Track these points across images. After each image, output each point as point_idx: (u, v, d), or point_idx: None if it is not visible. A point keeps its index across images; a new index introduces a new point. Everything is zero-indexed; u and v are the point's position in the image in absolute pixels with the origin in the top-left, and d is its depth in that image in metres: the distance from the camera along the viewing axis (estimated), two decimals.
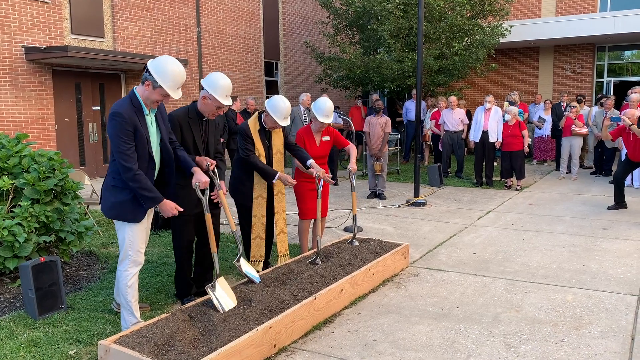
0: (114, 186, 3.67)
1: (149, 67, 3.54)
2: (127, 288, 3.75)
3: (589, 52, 17.34)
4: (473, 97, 18.54)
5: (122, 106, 3.52)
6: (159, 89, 3.54)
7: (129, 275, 3.75)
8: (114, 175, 3.68)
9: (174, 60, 3.59)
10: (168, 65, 3.54)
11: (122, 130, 3.48)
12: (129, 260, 3.74)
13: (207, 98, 4.16)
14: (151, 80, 3.52)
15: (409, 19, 13.47)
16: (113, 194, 3.67)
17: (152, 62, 3.56)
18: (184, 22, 13.78)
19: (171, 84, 3.56)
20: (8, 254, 4.54)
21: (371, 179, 9.44)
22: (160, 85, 3.52)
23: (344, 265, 4.74)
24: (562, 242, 6.37)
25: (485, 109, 10.40)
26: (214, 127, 4.46)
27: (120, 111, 3.48)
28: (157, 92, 3.55)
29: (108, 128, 3.54)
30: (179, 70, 3.58)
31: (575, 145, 11.19)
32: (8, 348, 3.63)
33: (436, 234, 6.88)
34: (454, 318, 4.19)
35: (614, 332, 3.89)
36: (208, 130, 4.39)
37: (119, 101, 3.59)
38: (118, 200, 3.64)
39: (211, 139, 4.41)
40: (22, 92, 10.33)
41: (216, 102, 4.15)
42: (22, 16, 10.27)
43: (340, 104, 18.04)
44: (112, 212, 3.69)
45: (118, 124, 3.48)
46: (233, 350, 3.23)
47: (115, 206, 3.66)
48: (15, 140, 5.17)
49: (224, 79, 4.15)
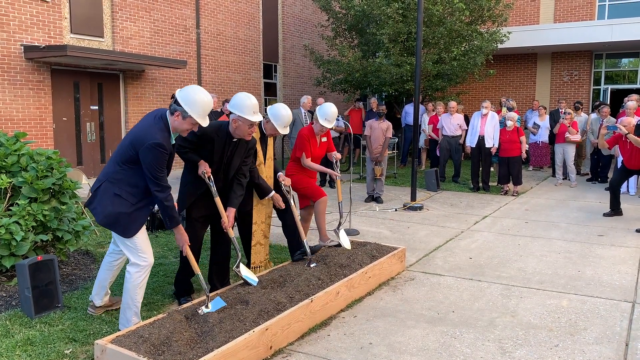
0: (117, 195, 3.66)
1: (178, 97, 3.62)
2: (137, 289, 3.77)
3: (587, 59, 17.43)
4: (471, 103, 18.59)
5: (163, 136, 3.58)
6: (189, 119, 3.63)
7: (140, 276, 3.78)
8: (120, 185, 3.67)
9: (201, 89, 3.69)
10: (197, 95, 3.63)
11: (162, 160, 3.59)
12: (139, 262, 3.76)
13: (237, 121, 4.16)
14: (180, 110, 3.61)
15: (408, 23, 13.51)
16: (112, 203, 3.66)
17: (180, 93, 3.65)
18: (184, 23, 13.79)
19: (201, 112, 3.65)
20: (5, 252, 4.54)
21: (369, 183, 9.46)
22: (190, 115, 3.61)
23: (341, 268, 4.75)
24: (558, 248, 6.40)
25: (482, 115, 10.44)
26: (244, 150, 4.40)
27: (163, 142, 3.56)
28: (188, 122, 3.65)
29: (147, 155, 3.54)
30: (207, 99, 3.68)
31: (569, 152, 11.21)
32: (4, 346, 3.63)
33: (432, 238, 6.90)
34: (450, 322, 4.20)
35: (609, 338, 3.92)
36: (235, 151, 4.34)
37: (155, 127, 3.60)
38: (117, 211, 3.65)
39: (235, 161, 4.36)
40: (20, 91, 10.32)
41: (246, 121, 4.14)
42: (21, 15, 10.26)
43: (338, 107, 18.06)
44: (105, 220, 3.68)
45: (160, 154, 3.56)
46: (229, 352, 3.24)
47: (111, 215, 3.65)
48: (13, 138, 5.17)
49: (249, 98, 4.15)
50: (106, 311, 4.28)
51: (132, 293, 3.77)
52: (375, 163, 9.17)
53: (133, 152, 3.61)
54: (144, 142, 3.54)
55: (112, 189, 3.67)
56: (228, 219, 4.30)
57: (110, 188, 3.68)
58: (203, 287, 3.90)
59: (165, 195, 3.64)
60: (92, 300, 4.21)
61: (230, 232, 4.33)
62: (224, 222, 4.29)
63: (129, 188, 3.68)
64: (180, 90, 3.68)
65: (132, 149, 3.61)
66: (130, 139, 3.64)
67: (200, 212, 4.37)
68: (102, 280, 4.14)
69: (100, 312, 4.23)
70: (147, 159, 3.55)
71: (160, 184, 3.61)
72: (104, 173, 3.76)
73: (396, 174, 12.93)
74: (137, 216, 3.72)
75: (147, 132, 3.57)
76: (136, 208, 3.71)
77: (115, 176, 3.68)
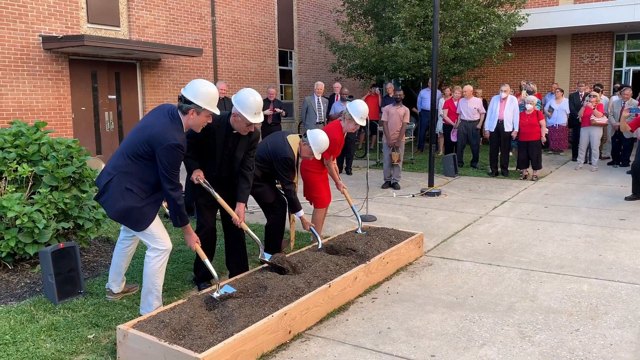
0: (128, 190, 3.67)
1: (186, 95, 3.66)
2: (157, 273, 3.82)
3: (608, 41, 17.06)
4: (489, 86, 18.34)
5: (181, 138, 3.62)
6: (203, 112, 3.69)
7: (160, 260, 3.82)
8: (130, 178, 3.68)
9: (204, 81, 3.74)
10: (204, 88, 3.69)
11: (179, 161, 3.64)
12: (158, 247, 3.81)
13: (237, 116, 4.13)
14: (193, 107, 3.65)
15: (425, 7, 13.34)
16: (122, 197, 3.67)
17: (187, 90, 3.68)
18: (199, 10, 13.78)
19: (212, 102, 3.72)
20: (28, 240, 4.63)
21: (386, 169, 9.42)
22: (205, 108, 3.67)
23: (358, 254, 4.76)
24: (578, 233, 6.33)
25: (501, 99, 10.30)
26: (247, 142, 4.35)
27: (182, 144, 3.60)
28: (203, 115, 3.72)
29: (166, 155, 3.56)
30: (214, 89, 3.75)
31: (595, 135, 11.01)
32: (29, 331, 3.71)
33: (450, 223, 6.86)
34: (468, 307, 4.19)
35: (630, 322, 3.87)
36: (238, 144, 4.30)
37: (174, 128, 3.62)
38: (128, 205, 3.67)
39: (239, 154, 4.33)
40: (39, 81, 10.44)
41: (245, 120, 4.10)
42: (39, 5, 10.35)
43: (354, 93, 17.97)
44: (117, 214, 3.70)
45: (178, 155, 3.61)
46: (249, 336, 3.27)
47: (122, 209, 3.68)
48: (34, 128, 5.24)
49: (253, 97, 4.08)
50: (126, 297, 4.34)
51: (152, 277, 3.81)
52: (393, 149, 9.12)
53: (148, 149, 3.61)
54: (163, 141, 3.54)
55: (123, 183, 3.68)
56: (239, 215, 4.32)
57: (122, 182, 3.68)
58: (213, 274, 3.85)
59: (178, 195, 3.67)
60: (109, 287, 4.28)
61: (243, 226, 4.35)
62: (235, 220, 4.32)
63: (140, 183, 3.69)
64: (185, 88, 3.71)
65: (147, 146, 3.61)
66: (146, 136, 3.61)
67: (207, 197, 4.36)
68: (117, 267, 4.21)
69: (119, 297, 4.30)
70: (165, 159, 3.56)
71: (174, 183, 3.64)
72: (112, 166, 3.74)
73: (413, 159, 12.86)
74: (148, 210, 3.74)
75: (167, 131, 3.57)
76: (147, 203, 3.73)
77: (126, 169, 3.68)
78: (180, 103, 3.69)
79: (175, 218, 3.75)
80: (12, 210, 4.47)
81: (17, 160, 4.96)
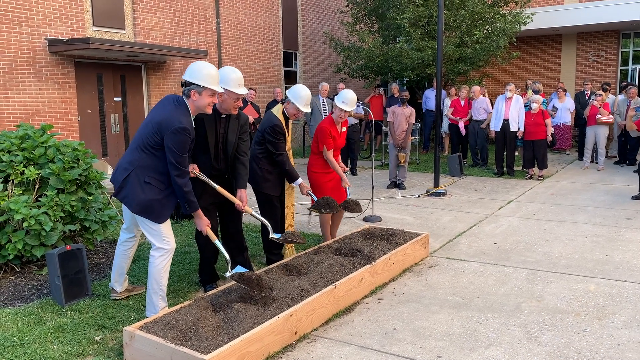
0: (147, 183, 3.71)
1: (186, 78, 3.70)
2: (161, 272, 3.83)
3: (614, 39, 16.97)
4: (494, 86, 18.29)
5: (187, 121, 3.65)
6: (204, 91, 3.71)
7: (164, 260, 3.84)
8: (147, 172, 3.71)
9: (202, 62, 3.75)
10: (202, 67, 3.71)
11: (186, 145, 3.65)
12: (163, 247, 3.83)
13: (223, 94, 4.17)
14: (194, 88, 3.69)
15: (429, 7, 13.32)
16: (142, 191, 3.70)
17: (186, 74, 3.72)
18: (203, 12, 13.82)
19: (212, 81, 3.73)
20: (35, 243, 4.65)
21: (392, 169, 9.41)
22: (205, 87, 3.69)
23: (364, 255, 4.76)
24: (585, 232, 6.30)
25: (506, 98, 10.27)
26: (237, 125, 4.40)
27: (188, 127, 3.62)
28: (205, 95, 3.73)
29: (172, 139, 3.60)
30: (213, 68, 3.76)
31: (601, 134, 10.96)
32: (37, 333, 3.73)
33: (456, 223, 6.85)
34: (475, 307, 4.18)
35: (638, 322, 3.85)
36: (228, 128, 4.34)
37: (179, 112, 3.66)
38: (149, 198, 3.70)
39: (231, 137, 4.36)
40: (45, 84, 10.50)
41: (232, 94, 4.16)
42: (45, 9, 10.40)
43: (359, 94, 17.96)
44: (139, 208, 3.72)
45: (185, 138, 3.62)
46: (255, 337, 3.27)
47: (144, 203, 3.70)
48: (40, 131, 5.27)
49: (234, 72, 4.19)
50: (133, 299, 4.36)
51: (157, 277, 3.83)
52: (399, 149, 9.11)
53: (159, 137, 3.65)
54: (170, 126, 3.59)
55: (141, 177, 3.71)
56: (241, 200, 4.33)
57: (140, 176, 3.72)
58: (224, 255, 3.92)
59: (185, 181, 3.69)
60: (113, 287, 4.32)
61: (247, 210, 4.35)
62: (238, 205, 4.31)
63: (157, 175, 3.73)
64: (184, 74, 3.76)
65: (157, 134, 3.65)
66: (155, 124, 3.66)
67: (207, 200, 4.36)
68: (119, 268, 4.25)
69: (123, 295, 4.33)
70: (171, 143, 3.60)
71: (180, 169, 3.65)
72: (128, 161, 3.77)
73: (418, 160, 12.84)
74: (167, 202, 3.78)
75: (172, 116, 3.62)
76: (166, 194, 3.76)
77: (142, 163, 3.71)
78: (183, 89, 3.75)
79: (184, 205, 3.76)
80: (19, 213, 4.50)
81: (24, 163, 4.99)
